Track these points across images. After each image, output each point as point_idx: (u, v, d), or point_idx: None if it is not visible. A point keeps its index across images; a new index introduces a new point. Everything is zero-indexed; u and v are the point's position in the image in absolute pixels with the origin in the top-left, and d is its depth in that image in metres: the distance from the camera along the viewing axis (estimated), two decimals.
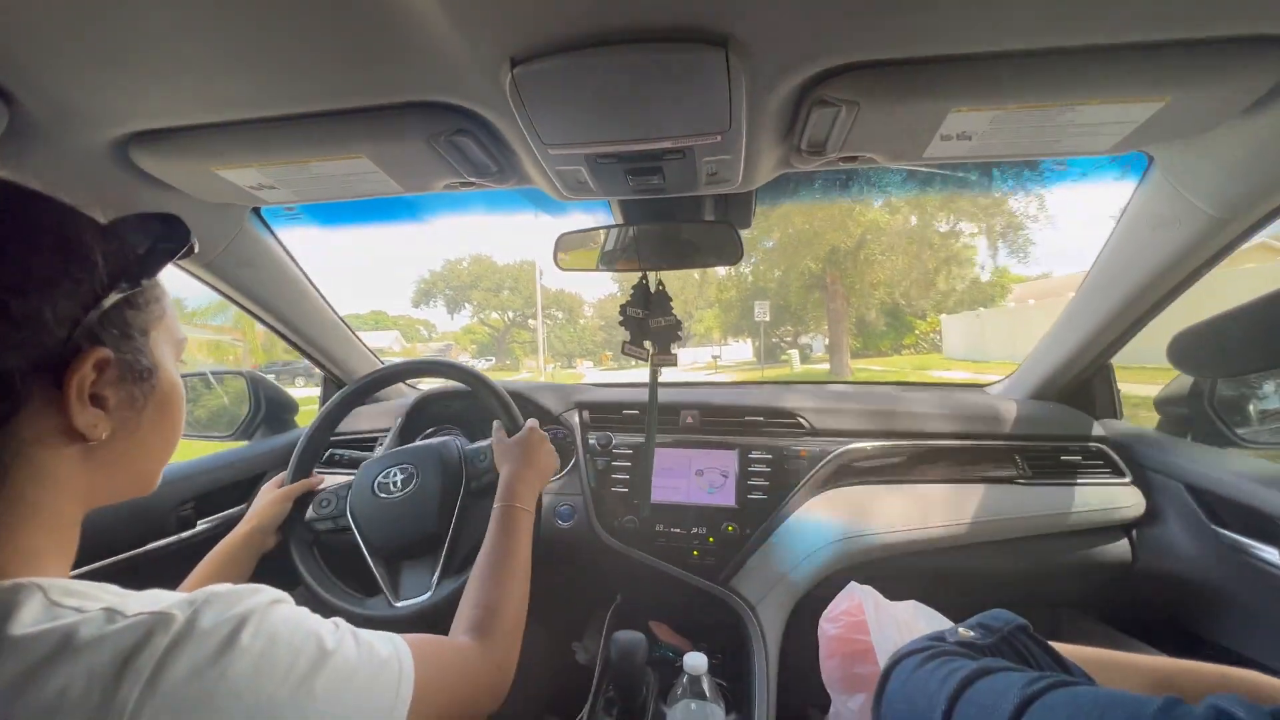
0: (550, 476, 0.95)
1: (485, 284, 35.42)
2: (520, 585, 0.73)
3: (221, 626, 0.36)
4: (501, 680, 0.62)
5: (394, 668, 0.46)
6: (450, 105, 0.69)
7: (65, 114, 0.67)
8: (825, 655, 0.86)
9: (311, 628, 0.41)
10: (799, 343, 24.87)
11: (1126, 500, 1.13)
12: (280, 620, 0.39)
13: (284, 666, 0.37)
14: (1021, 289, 20.18)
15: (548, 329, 39.67)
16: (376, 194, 0.90)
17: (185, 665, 0.34)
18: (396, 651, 0.47)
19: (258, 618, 0.38)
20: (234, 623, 0.37)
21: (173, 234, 0.47)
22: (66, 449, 0.40)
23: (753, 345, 29.23)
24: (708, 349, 32.84)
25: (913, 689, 0.50)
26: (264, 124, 0.71)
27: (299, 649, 0.39)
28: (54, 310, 0.38)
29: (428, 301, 36.32)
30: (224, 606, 0.38)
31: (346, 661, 0.42)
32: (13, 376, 0.36)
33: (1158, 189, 0.88)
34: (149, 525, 1.06)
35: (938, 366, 16.72)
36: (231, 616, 0.37)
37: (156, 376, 0.47)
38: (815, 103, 0.66)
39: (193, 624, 0.35)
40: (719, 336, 31.20)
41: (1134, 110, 0.64)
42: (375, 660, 0.44)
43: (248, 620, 0.37)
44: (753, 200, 1.05)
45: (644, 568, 1.19)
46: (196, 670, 0.34)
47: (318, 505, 1.01)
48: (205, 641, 0.35)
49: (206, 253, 1.05)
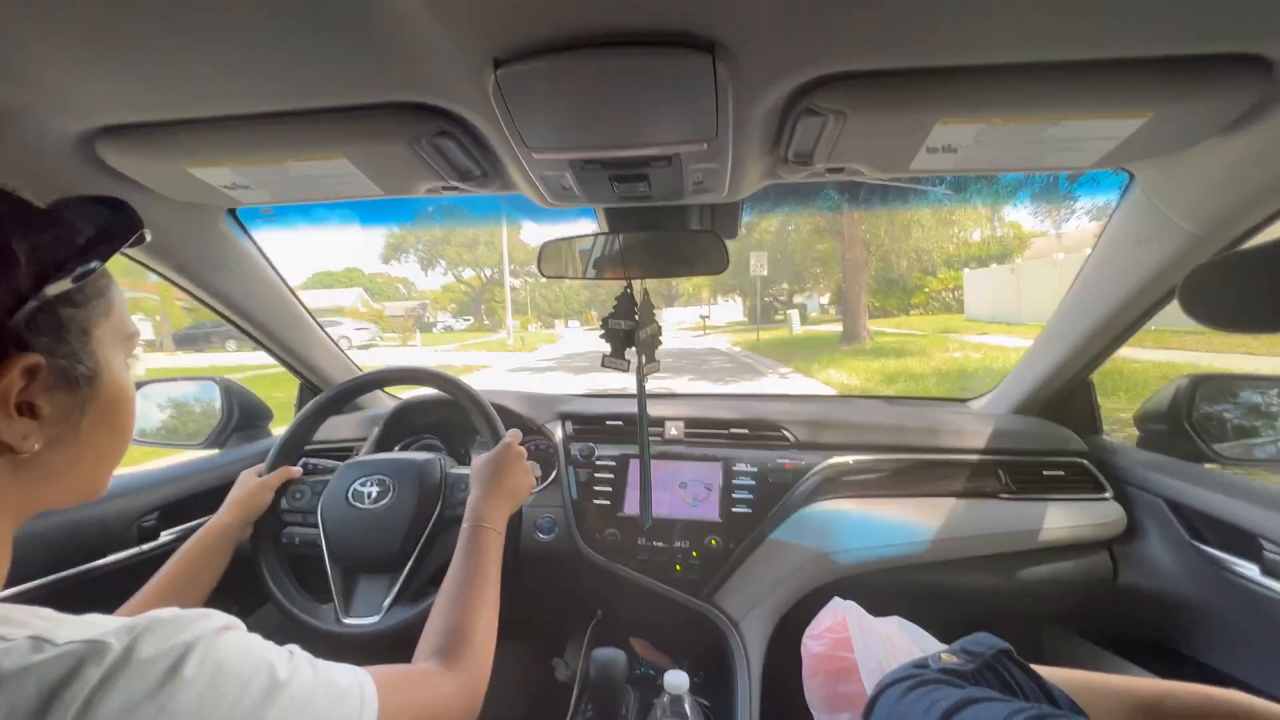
0: (524, 497, 0.91)
1: (459, 239, 33.54)
2: (489, 609, 0.70)
3: (163, 657, 0.33)
4: (471, 704, 0.59)
5: (354, 698, 0.42)
6: (432, 107, 0.67)
7: (27, 106, 0.64)
8: (809, 674, 0.85)
9: (263, 656, 0.38)
10: (794, 302, 23.43)
11: (1108, 516, 1.13)
12: (229, 648, 0.36)
13: (231, 699, 0.34)
14: (1042, 243, 18.19)
15: (530, 288, 38.42)
16: (356, 196, 0.88)
17: (119, 700, 0.31)
18: (358, 681, 0.44)
19: (204, 646, 0.35)
20: (178, 652, 0.34)
21: (120, 220, 0.43)
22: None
23: (744, 304, 28.44)
24: (696, 308, 31.75)
25: (897, 719, 0.50)
26: (239, 121, 0.69)
27: (249, 680, 0.36)
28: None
29: (398, 257, 34.49)
30: (167, 634, 0.34)
31: (302, 691, 0.38)
32: None
33: (1138, 206, 0.90)
34: (110, 537, 1.02)
35: (963, 329, 14.01)
36: (175, 645, 0.34)
37: (99, 380, 0.43)
38: (803, 112, 0.65)
39: (130, 653, 0.32)
40: (708, 295, 30.25)
41: (1117, 126, 0.65)
42: (334, 690, 0.41)
43: (193, 649, 0.34)
44: (739, 211, 1.05)
45: (625, 582, 1.16)
46: (132, 705, 0.31)
47: (291, 496, 0.99)
48: (144, 673, 0.32)
49: (178, 254, 1.02)
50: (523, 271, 36.88)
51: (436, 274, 37.53)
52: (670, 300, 34.94)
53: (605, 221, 1.06)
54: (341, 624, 0.88)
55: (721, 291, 28.50)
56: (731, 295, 29.24)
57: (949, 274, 18.56)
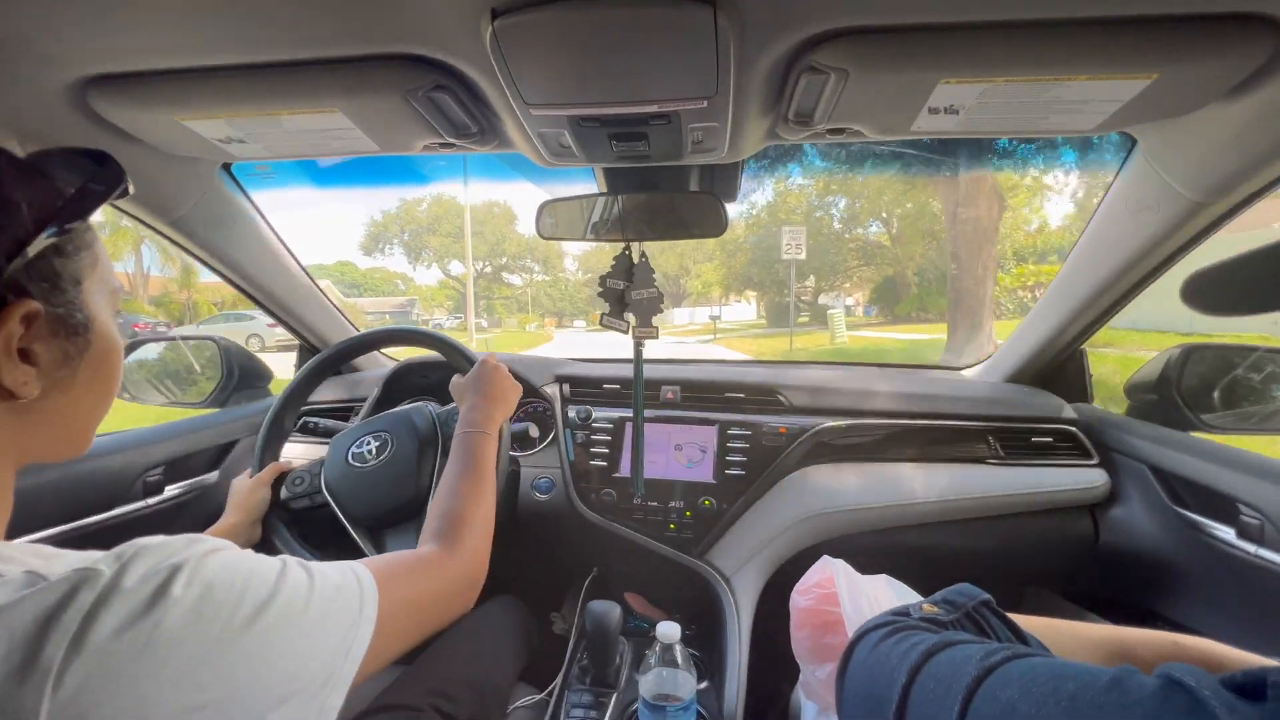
0: (513, 404, 0.92)
1: (445, 228, 29.86)
2: (485, 496, 0.72)
3: (151, 579, 0.34)
4: (470, 581, 0.61)
5: (352, 590, 0.44)
6: (429, 59, 0.66)
7: (16, 53, 0.63)
8: (796, 626, 0.88)
9: (254, 568, 0.39)
10: (818, 302, 19.24)
11: (1092, 481, 1.16)
12: (217, 566, 0.37)
13: (226, 609, 0.36)
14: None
15: (535, 286, 35.86)
16: (353, 152, 0.87)
17: (113, 621, 0.32)
18: (355, 575, 0.46)
19: (191, 567, 0.36)
20: (165, 574, 0.35)
21: (104, 173, 0.43)
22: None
23: (758, 304, 24.77)
24: (706, 309, 28.23)
25: (875, 663, 0.51)
26: (232, 71, 0.68)
27: (241, 590, 0.37)
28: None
29: (381, 248, 31.31)
30: (156, 559, 0.35)
31: (298, 592, 0.40)
32: None
33: (1139, 172, 0.89)
34: (117, 491, 1.04)
35: (1124, 341, 6.47)
36: (163, 568, 0.35)
37: (91, 331, 0.44)
38: (804, 70, 0.65)
39: (120, 577, 0.33)
40: (719, 294, 26.83)
41: (1121, 87, 0.64)
42: (328, 586, 0.43)
43: (180, 570, 0.35)
44: (739, 173, 1.04)
45: (621, 540, 1.19)
46: (127, 624, 0.32)
47: (290, 484, 0.98)
48: (134, 595, 0.33)
49: (173, 210, 1.01)
50: (517, 266, 34.36)
51: (430, 268, 34.45)
52: (677, 300, 31.82)
53: (604, 182, 1.05)
54: None
55: (735, 289, 24.90)
56: (744, 295, 25.61)
57: (1029, 268, 13.32)
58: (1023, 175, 10.13)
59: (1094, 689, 0.34)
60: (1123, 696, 0.33)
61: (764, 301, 23.47)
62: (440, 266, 33.27)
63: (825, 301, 19.11)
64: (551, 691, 1.05)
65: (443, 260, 32.58)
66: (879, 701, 0.46)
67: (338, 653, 0.41)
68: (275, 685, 0.37)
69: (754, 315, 25.90)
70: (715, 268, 23.44)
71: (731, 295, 26.36)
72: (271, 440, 1.03)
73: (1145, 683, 0.33)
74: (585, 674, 1.07)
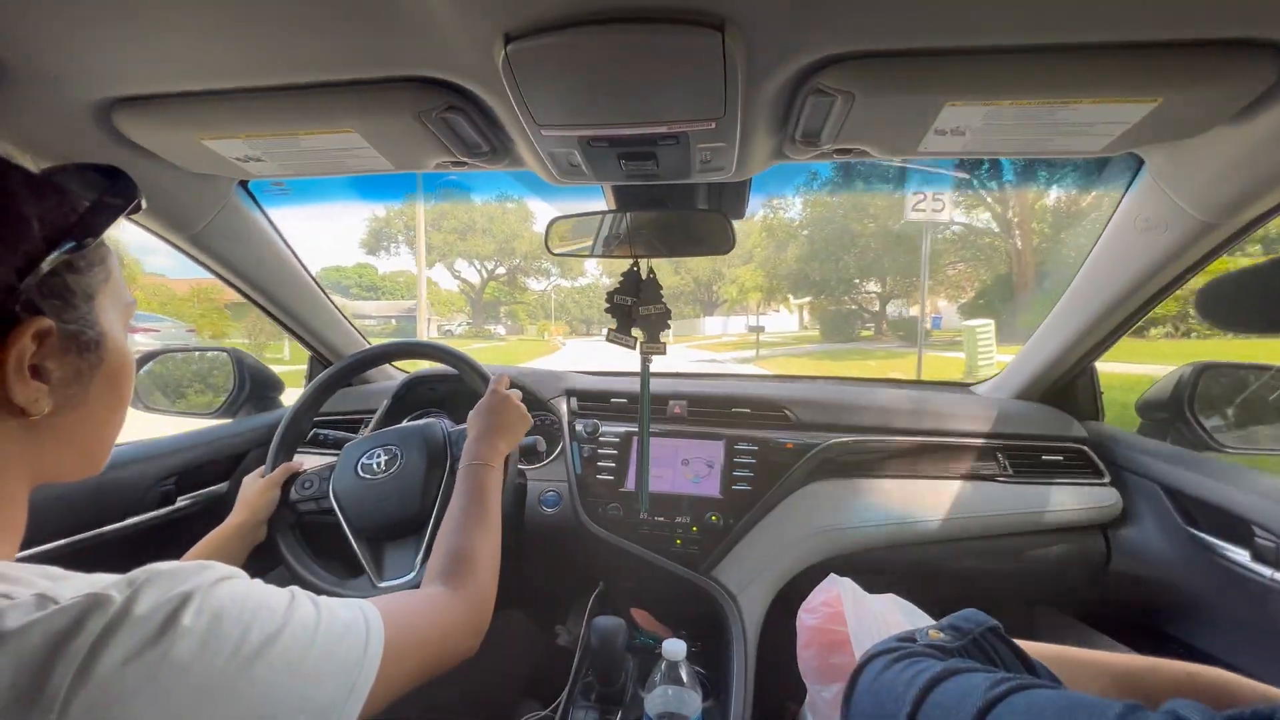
0: (519, 435, 0.93)
1: (449, 224, 28.11)
2: (490, 534, 0.72)
3: (161, 608, 0.34)
4: (475, 623, 0.61)
5: (359, 628, 0.44)
6: (442, 81, 0.68)
7: (45, 75, 0.65)
8: (802, 645, 0.87)
9: (263, 599, 0.39)
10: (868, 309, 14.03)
11: (1104, 500, 1.14)
12: (226, 596, 0.37)
13: (233, 641, 0.36)
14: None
15: (562, 293, 33.01)
16: (366, 171, 0.88)
17: (122, 650, 0.32)
18: (362, 612, 0.46)
19: (201, 595, 0.36)
20: (175, 603, 0.35)
21: (117, 188, 0.43)
22: (5, 424, 0.38)
23: (803, 313, 20.43)
24: (742, 318, 24.01)
25: (880, 689, 0.50)
26: (252, 94, 0.70)
27: (249, 622, 0.37)
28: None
29: (385, 247, 29.13)
30: (166, 586, 0.35)
31: (304, 629, 0.40)
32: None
33: (1147, 192, 0.89)
34: (129, 501, 1.05)
35: None
36: (172, 597, 0.35)
37: (103, 346, 0.44)
38: (811, 92, 0.65)
39: (130, 605, 0.33)
40: (757, 302, 21.94)
41: (1127, 110, 0.64)
42: (336, 623, 0.43)
43: (190, 599, 0.35)
44: (747, 190, 1.05)
45: (627, 555, 1.19)
46: (135, 654, 0.32)
47: (299, 487, 1.00)
48: (144, 624, 0.33)
49: (191, 225, 1.03)
50: (533, 269, 31.76)
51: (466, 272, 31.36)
52: (710, 308, 29.52)
53: (613, 199, 1.06)
54: (377, 588, 0.90)
55: (782, 293, 19.70)
56: (785, 302, 20.86)
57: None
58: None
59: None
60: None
61: (815, 310, 18.17)
62: (447, 267, 30.79)
63: (892, 310, 14.44)
64: (556, 708, 1.04)
65: (448, 259, 30.03)
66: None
67: (341, 689, 0.41)
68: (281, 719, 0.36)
69: (796, 326, 21.55)
70: (754, 270, 19.14)
71: (773, 303, 21.84)
72: (286, 442, 1.04)
73: (1150, 718, 0.33)
74: (590, 690, 1.06)
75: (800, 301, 20.48)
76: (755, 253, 19.44)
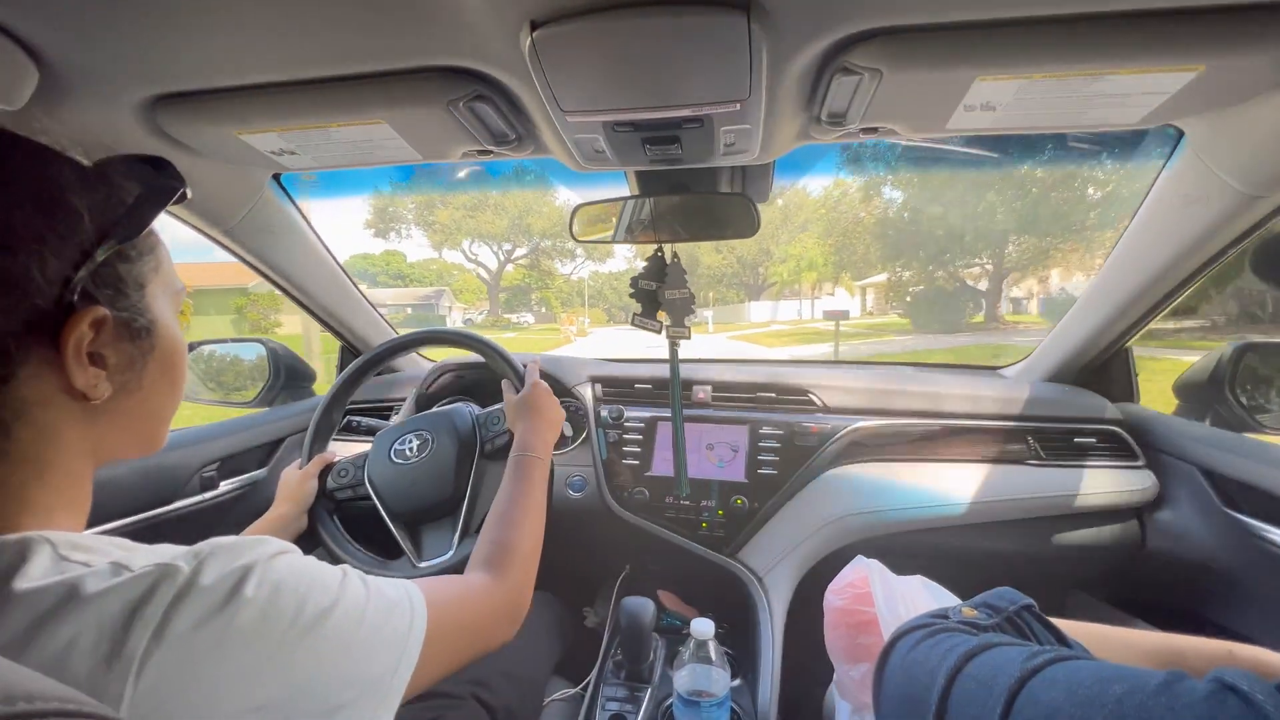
0: (559, 427, 0.96)
1: (458, 199, 26.20)
2: (534, 523, 0.74)
3: (225, 579, 0.36)
4: (515, 610, 0.63)
5: (405, 607, 0.46)
6: (469, 70, 0.69)
7: (93, 75, 0.68)
8: (830, 626, 0.87)
9: (316, 574, 0.41)
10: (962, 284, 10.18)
11: (1139, 483, 1.12)
12: (285, 569, 0.39)
13: (291, 612, 0.38)
14: None
15: (599, 279, 30.33)
16: (395, 161, 0.90)
17: (191, 616, 0.34)
18: (407, 593, 0.48)
19: (261, 569, 0.38)
20: (238, 575, 0.37)
21: (163, 179, 0.44)
22: (69, 407, 0.40)
23: (866, 296, 16.41)
24: (793, 303, 20.02)
25: (913, 664, 0.50)
26: (286, 87, 0.72)
27: (305, 595, 0.39)
28: (42, 269, 0.36)
29: (396, 229, 26.86)
30: (228, 559, 0.38)
31: (356, 604, 0.42)
32: (6, 341, 0.35)
33: (1188, 165, 0.86)
34: (175, 485, 1.10)
35: None
36: (235, 569, 0.37)
37: (155, 333, 0.45)
38: (837, 71, 0.65)
39: (197, 576, 0.35)
40: (811, 284, 18.14)
41: (1166, 80, 0.62)
42: (384, 601, 0.45)
43: (251, 571, 0.37)
44: (771, 173, 1.05)
45: (653, 538, 1.21)
46: (203, 620, 0.34)
47: (336, 475, 1.03)
48: (211, 593, 0.35)
49: (228, 219, 1.06)
50: (557, 251, 29.30)
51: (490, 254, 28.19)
52: (755, 292, 26.30)
53: (636, 185, 1.06)
54: (417, 569, 0.93)
55: (837, 277, 16.11)
56: (842, 281, 16.94)
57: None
58: None
59: (1142, 692, 0.33)
60: (1172, 700, 0.32)
61: (892, 291, 14.34)
62: (464, 251, 27.66)
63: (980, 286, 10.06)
64: (586, 685, 1.07)
65: (453, 237, 26.86)
66: (917, 703, 0.45)
67: (389, 665, 0.43)
68: (331, 691, 0.38)
69: (858, 311, 17.38)
70: (816, 242, 15.10)
71: (823, 287, 18.10)
72: (320, 433, 1.07)
73: (1196, 687, 0.32)
74: (619, 669, 1.08)
75: (868, 282, 16.42)
76: (813, 221, 16.01)
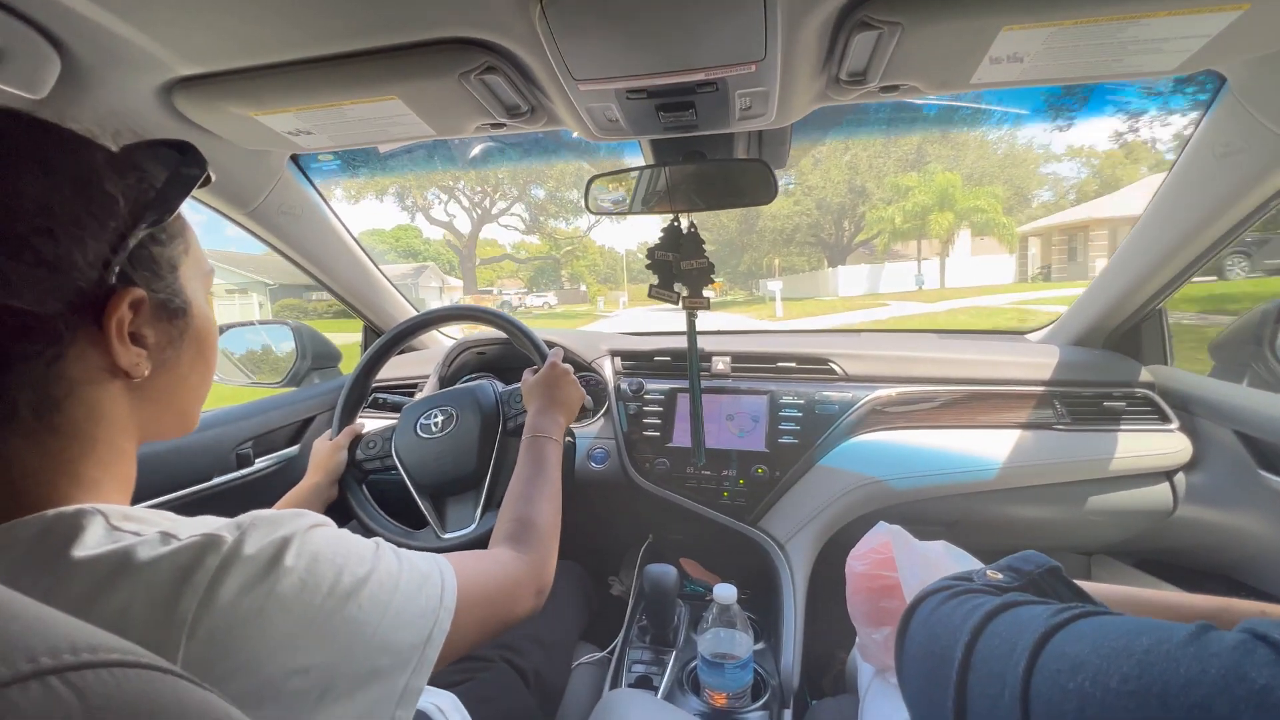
0: (576, 409, 0.97)
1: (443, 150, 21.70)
2: (550, 500, 0.76)
3: (266, 549, 0.38)
4: (539, 583, 0.65)
5: (435, 579, 0.48)
6: (480, 41, 0.68)
7: (113, 60, 0.69)
8: (852, 591, 0.88)
9: (352, 546, 0.43)
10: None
11: (1171, 446, 1.10)
12: (321, 540, 0.41)
13: (329, 582, 0.39)
14: None
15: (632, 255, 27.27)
16: (410, 137, 0.90)
17: (236, 583, 0.36)
18: (438, 566, 0.49)
19: (299, 540, 0.40)
20: (277, 545, 0.39)
21: (189, 162, 0.45)
22: (114, 386, 0.41)
23: (1027, 253, 13.14)
24: (904, 265, 15.96)
25: (936, 623, 0.49)
26: (300, 66, 0.72)
27: (341, 566, 0.41)
28: (83, 252, 0.37)
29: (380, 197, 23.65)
30: (268, 530, 0.39)
31: (389, 574, 0.44)
32: (55, 321, 0.37)
33: (1229, 113, 0.82)
34: (214, 462, 1.14)
35: None
36: (275, 539, 0.39)
37: (190, 313, 0.47)
38: (855, 26, 0.63)
39: (240, 545, 0.37)
40: (946, 233, 14.10)
41: (1207, 22, 0.59)
42: (416, 573, 0.46)
43: (290, 542, 0.39)
44: (788, 137, 1.02)
45: (675, 508, 1.22)
46: (247, 587, 0.36)
47: (364, 447, 1.06)
48: (252, 562, 0.37)
49: (249, 201, 1.08)
50: (558, 208, 26.60)
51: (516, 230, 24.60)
52: (840, 254, 20.07)
53: (651, 154, 1.05)
54: (442, 539, 0.96)
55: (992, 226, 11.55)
56: (983, 233, 12.74)
57: None
58: None
59: (1170, 643, 0.33)
60: (1200, 650, 0.31)
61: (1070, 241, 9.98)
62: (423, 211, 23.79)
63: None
64: (613, 650, 1.10)
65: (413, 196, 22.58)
66: (941, 660, 0.45)
67: (420, 634, 0.44)
68: (368, 656, 0.40)
69: (1014, 274, 13.84)
70: (919, 197, 11.32)
71: (953, 236, 13.98)
72: (350, 406, 1.10)
73: (1225, 637, 0.32)
74: (644, 634, 1.11)
75: (1038, 227, 12.48)
76: (920, 163, 12.01)
